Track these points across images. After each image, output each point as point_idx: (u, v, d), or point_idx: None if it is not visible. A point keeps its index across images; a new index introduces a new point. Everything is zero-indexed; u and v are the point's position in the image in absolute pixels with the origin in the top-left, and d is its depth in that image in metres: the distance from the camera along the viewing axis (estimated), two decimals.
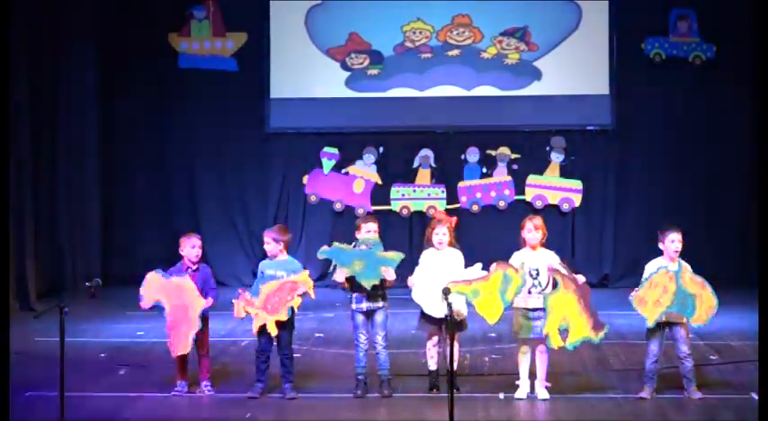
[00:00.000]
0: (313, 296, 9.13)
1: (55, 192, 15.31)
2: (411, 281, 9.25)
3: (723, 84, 16.06)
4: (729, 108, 16.09)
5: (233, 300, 9.12)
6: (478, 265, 9.10)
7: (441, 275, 8.96)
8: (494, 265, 8.87)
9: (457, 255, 9.29)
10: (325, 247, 9.24)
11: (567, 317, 8.76)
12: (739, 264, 15.56)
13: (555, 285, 8.84)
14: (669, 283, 8.77)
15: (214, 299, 9.30)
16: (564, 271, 8.91)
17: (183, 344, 9.10)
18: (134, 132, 16.65)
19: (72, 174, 15.67)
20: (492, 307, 8.78)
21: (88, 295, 8.10)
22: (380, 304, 9.22)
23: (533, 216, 9.35)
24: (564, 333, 8.79)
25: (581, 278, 8.97)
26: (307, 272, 9.15)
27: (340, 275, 9.15)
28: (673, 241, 8.99)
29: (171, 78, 16.62)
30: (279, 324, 9.04)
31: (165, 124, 16.68)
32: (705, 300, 8.74)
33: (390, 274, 9.13)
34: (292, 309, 9.02)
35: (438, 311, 9.07)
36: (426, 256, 9.34)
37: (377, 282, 9.13)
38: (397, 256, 9.14)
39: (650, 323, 8.82)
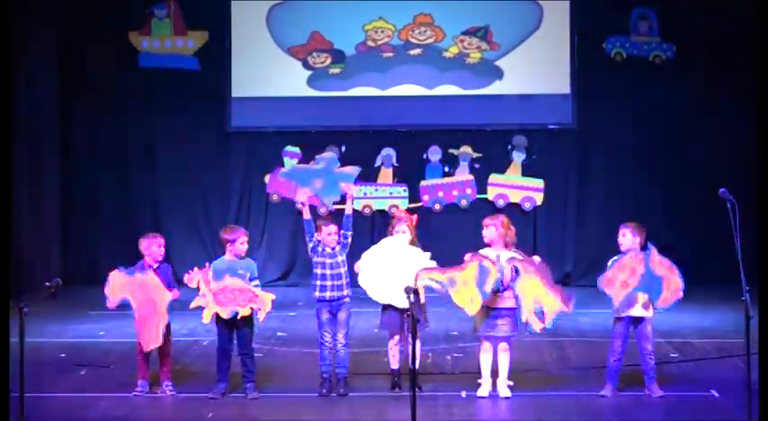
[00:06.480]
0: (261, 319, 9.05)
1: (14, 191, 15.14)
2: (358, 266, 9.21)
3: (682, 83, 16.20)
4: (688, 107, 16.22)
5: (195, 268, 9.02)
6: (427, 254, 9.15)
7: (394, 261, 9.00)
8: (468, 255, 8.87)
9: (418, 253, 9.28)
10: (284, 169, 9.36)
11: (537, 297, 8.77)
12: (699, 262, 15.58)
13: (517, 273, 8.85)
14: (638, 265, 8.82)
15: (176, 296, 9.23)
16: (519, 256, 8.95)
17: (154, 338, 9.06)
18: (94, 131, 16.55)
19: (31, 172, 15.52)
20: (470, 298, 8.77)
21: (48, 295, 8.02)
22: (344, 292, 9.20)
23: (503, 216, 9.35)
24: (540, 315, 8.80)
25: (536, 258, 9.00)
26: (273, 297, 9.08)
27: (302, 195, 9.49)
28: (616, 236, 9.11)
29: (132, 77, 16.53)
30: (239, 323, 9.00)
31: (126, 123, 16.59)
32: (672, 283, 8.80)
33: (350, 189, 9.41)
34: (237, 313, 8.97)
35: (384, 297, 9.09)
36: (385, 241, 9.34)
37: (337, 198, 9.46)
38: (354, 170, 9.48)
39: (616, 303, 8.84)
